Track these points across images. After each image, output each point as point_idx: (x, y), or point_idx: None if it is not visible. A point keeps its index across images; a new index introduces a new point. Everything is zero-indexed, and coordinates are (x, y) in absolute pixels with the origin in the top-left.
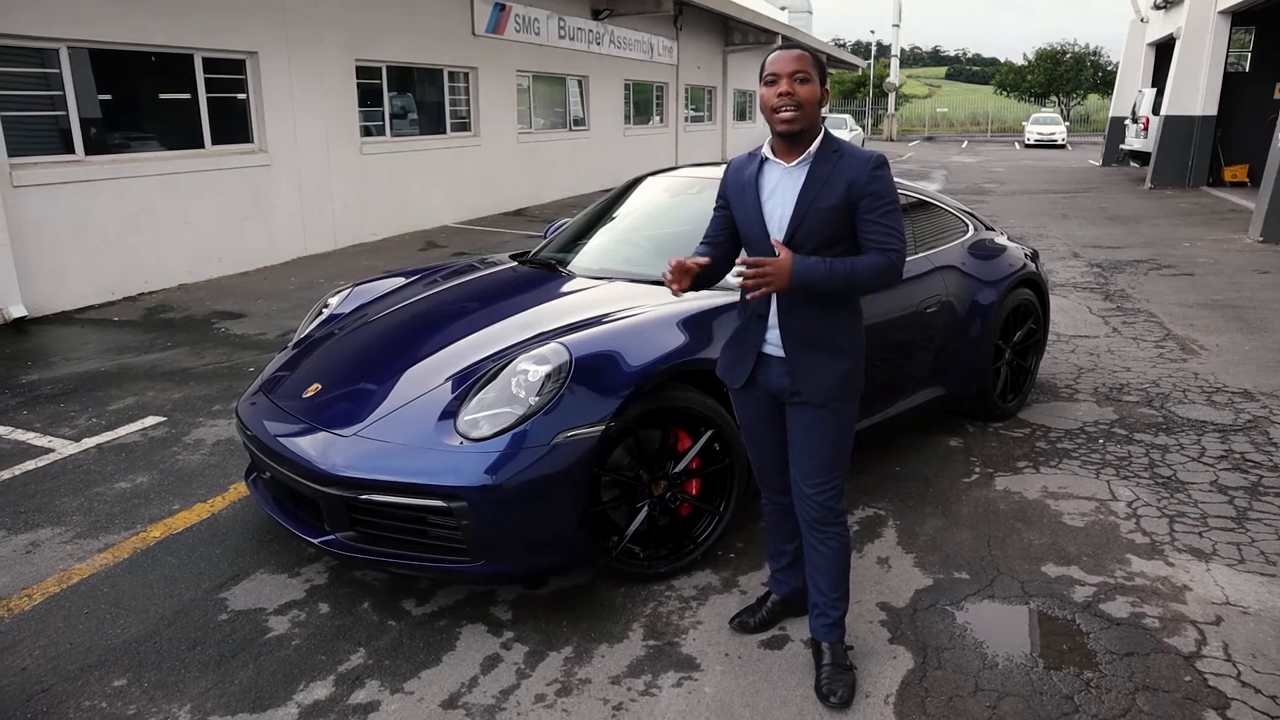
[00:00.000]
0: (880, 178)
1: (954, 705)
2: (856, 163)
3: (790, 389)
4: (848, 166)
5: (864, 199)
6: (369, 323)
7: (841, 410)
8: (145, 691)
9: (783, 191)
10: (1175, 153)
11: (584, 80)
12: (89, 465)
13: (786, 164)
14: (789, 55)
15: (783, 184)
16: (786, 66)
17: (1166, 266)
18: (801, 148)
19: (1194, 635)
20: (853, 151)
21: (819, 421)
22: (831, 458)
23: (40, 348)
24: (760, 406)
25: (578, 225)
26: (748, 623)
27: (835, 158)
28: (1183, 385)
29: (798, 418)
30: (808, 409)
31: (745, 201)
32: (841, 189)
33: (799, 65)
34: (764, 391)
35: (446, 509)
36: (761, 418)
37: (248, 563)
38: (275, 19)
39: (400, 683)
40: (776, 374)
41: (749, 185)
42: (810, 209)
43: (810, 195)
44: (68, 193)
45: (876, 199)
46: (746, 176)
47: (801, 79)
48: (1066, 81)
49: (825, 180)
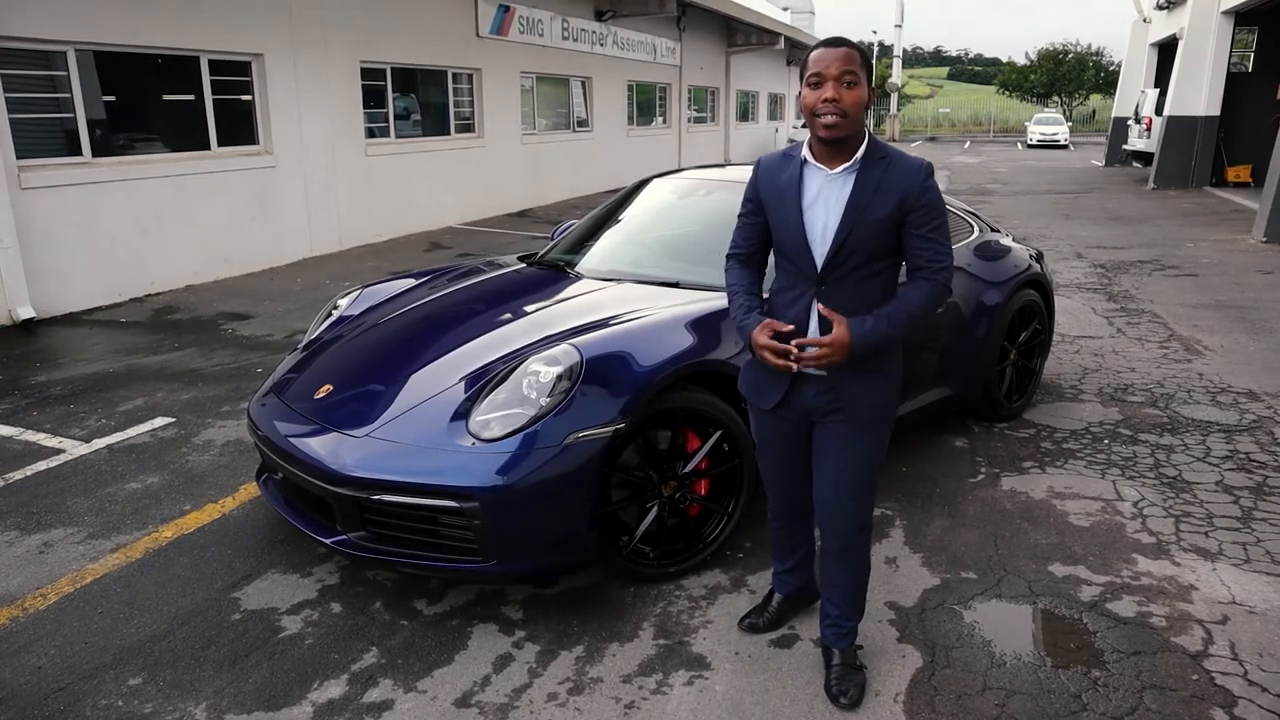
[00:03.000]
0: (931, 189)
1: (963, 703)
2: (908, 172)
3: (827, 409)
4: (898, 175)
5: (915, 212)
6: (379, 324)
7: (880, 431)
8: (161, 690)
9: (826, 201)
10: (1178, 153)
11: (587, 81)
12: (100, 466)
13: (829, 170)
14: (836, 55)
15: (826, 192)
16: (833, 68)
17: (1170, 267)
18: (846, 154)
19: (1201, 634)
20: (901, 158)
21: (857, 443)
22: (864, 481)
23: (49, 349)
24: (786, 426)
25: (585, 227)
26: (757, 624)
27: (883, 165)
28: (1187, 386)
29: (831, 438)
30: (846, 430)
31: (784, 208)
32: (893, 201)
33: (846, 66)
34: (795, 412)
35: (458, 509)
36: (784, 436)
37: (259, 563)
38: (281, 21)
39: (413, 681)
40: (812, 394)
41: (788, 190)
42: (859, 222)
43: (859, 207)
44: (75, 194)
45: (928, 212)
46: (785, 180)
47: (850, 82)
48: (1069, 82)
49: (874, 190)
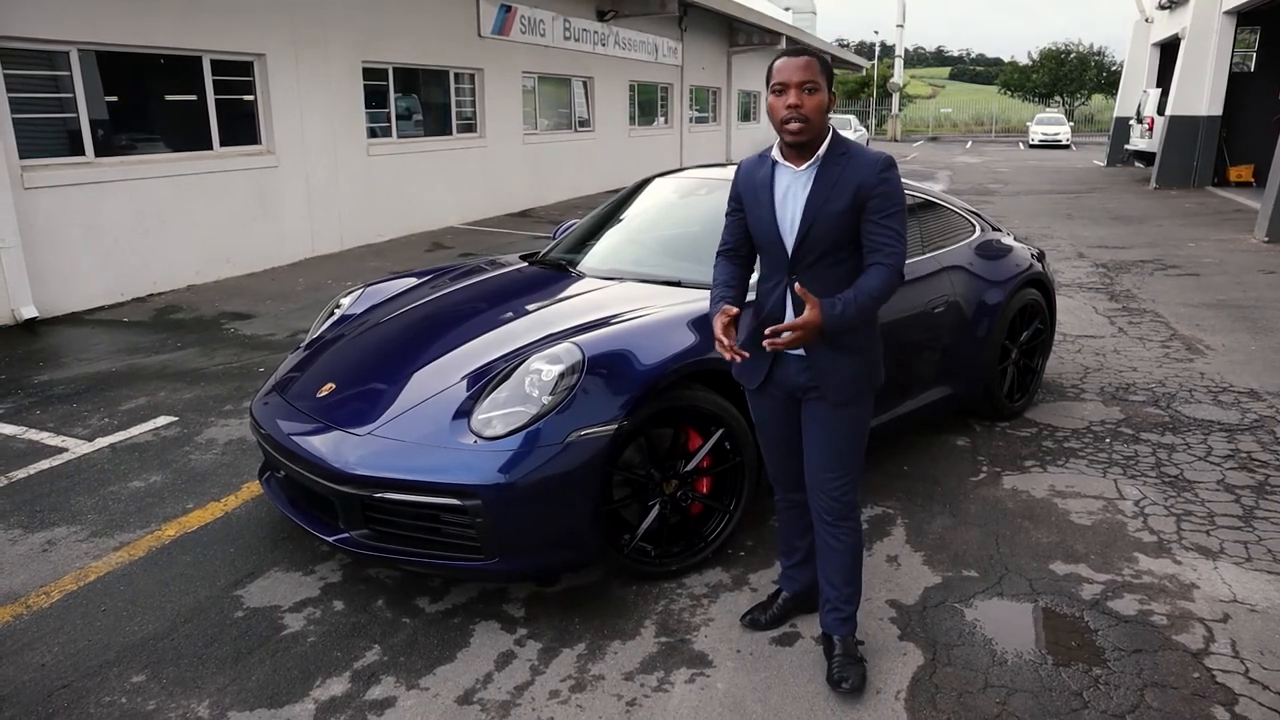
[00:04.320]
0: (888, 179)
1: (964, 701)
2: (864, 165)
3: (808, 385)
4: (855, 169)
5: (871, 200)
6: (381, 323)
7: (859, 406)
8: (164, 687)
9: (794, 196)
10: (1180, 153)
11: (589, 81)
12: (103, 465)
13: (796, 167)
14: (797, 64)
15: (793, 188)
16: (794, 76)
17: (1172, 267)
18: (810, 152)
19: (1202, 632)
20: (860, 153)
21: (836, 417)
22: (848, 453)
23: (52, 348)
24: (776, 405)
25: (587, 226)
26: (759, 620)
27: (843, 160)
28: (1189, 385)
29: (815, 414)
30: (825, 405)
31: (760, 205)
32: (849, 192)
33: (807, 75)
34: (781, 389)
35: (461, 507)
36: (777, 416)
37: (262, 561)
38: (282, 21)
39: (416, 679)
40: (794, 371)
41: (763, 188)
42: (819, 213)
43: (819, 200)
44: (78, 194)
45: (884, 200)
46: (760, 179)
47: (810, 89)
48: (1071, 81)
49: (833, 184)
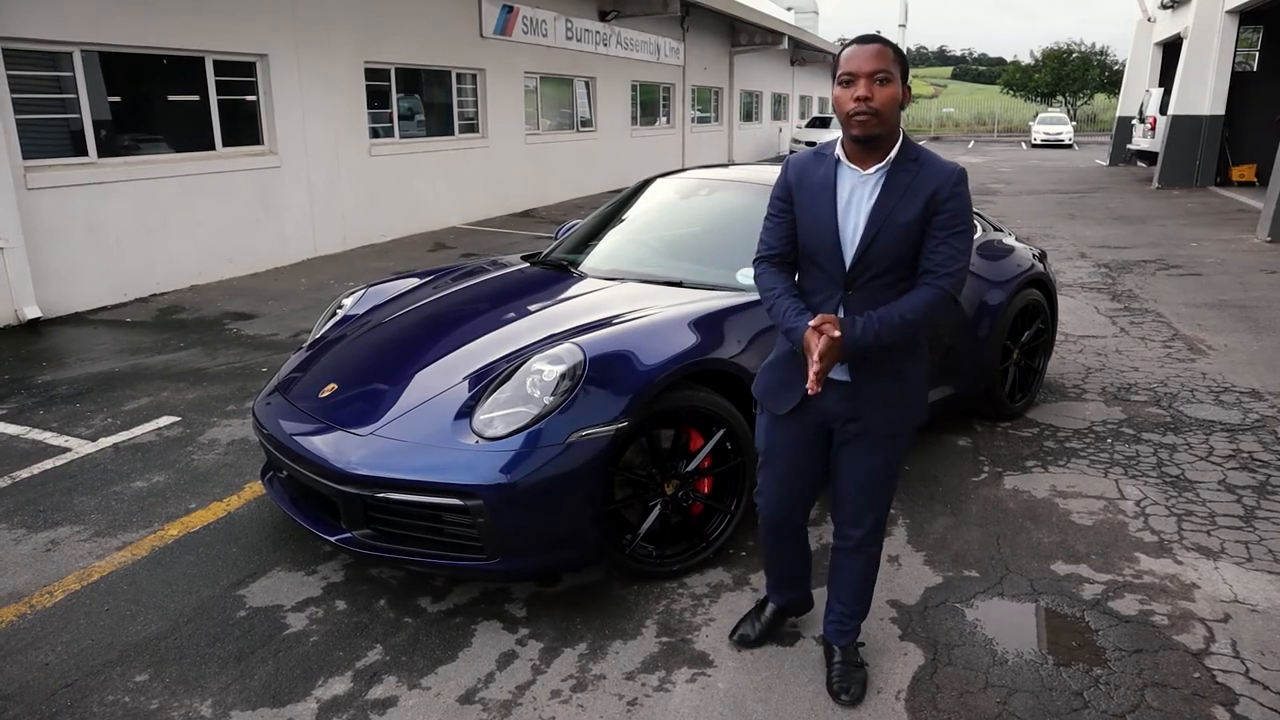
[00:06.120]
0: (960, 194)
1: (965, 701)
2: (939, 174)
3: (848, 416)
4: (929, 177)
5: (940, 215)
6: (384, 323)
7: (902, 439)
8: (167, 687)
9: (858, 202)
10: (1182, 152)
11: (591, 81)
12: (106, 464)
13: (862, 170)
14: (867, 52)
15: (858, 193)
16: (864, 65)
17: (1174, 266)
18: (879, 154)
19: (1202, 632)
20: (933, 161)
21: (880, 450)
22: (885, 487)
23: (55, 348)
24: (802, 433)
25: (589, 227)
26: (748, 636)
27: (915, 167)
28: (1190, 385)
29: (852, 445)
30: (866, 437)
31: (818, 208)
32: (921, 202)
33: (879, 64)
34: (813, 419)
35: (463, 507)
36: (795, 447)
37: (265, 560)
38: (285, 22)
39: (417, 679)
40: (833, 400)
41: (823, 190)
42: (886, 223)
43: (886, 208)
44: (81, 194)
45: (953, 217)
46: (819, 179)
47: (882, 79)
48: (1073, 81)
49: (904, 192)
